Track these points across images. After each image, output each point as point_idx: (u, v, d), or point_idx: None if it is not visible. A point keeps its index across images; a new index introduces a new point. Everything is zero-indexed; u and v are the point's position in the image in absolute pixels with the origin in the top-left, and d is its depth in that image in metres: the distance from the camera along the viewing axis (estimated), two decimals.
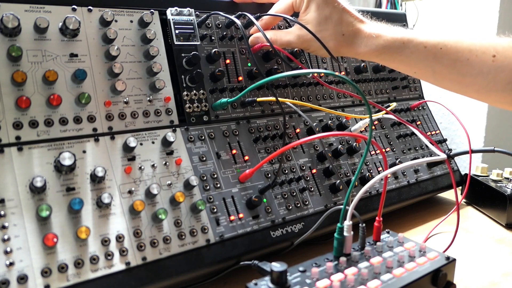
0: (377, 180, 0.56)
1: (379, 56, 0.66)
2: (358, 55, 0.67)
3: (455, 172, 0.99)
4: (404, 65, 0.65)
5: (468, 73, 0.60)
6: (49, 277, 0.48)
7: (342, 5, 0.67)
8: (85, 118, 0.57)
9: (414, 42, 0.63)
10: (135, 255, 0.54)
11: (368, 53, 0.66)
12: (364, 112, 0.89)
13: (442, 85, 0.65)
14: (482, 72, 0.59)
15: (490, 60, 0.58)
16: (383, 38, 0.64)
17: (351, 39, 0.66)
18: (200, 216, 0.60)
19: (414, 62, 0.63)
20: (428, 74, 0.64)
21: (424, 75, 0.65)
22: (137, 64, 0.63)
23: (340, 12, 0.66)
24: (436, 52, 0.61)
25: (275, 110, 0.76)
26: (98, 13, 0.61)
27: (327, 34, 0.66)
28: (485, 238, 0.81)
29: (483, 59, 0.58)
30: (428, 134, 0.99)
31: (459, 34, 0.62)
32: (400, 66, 0.66)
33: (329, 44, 0.67)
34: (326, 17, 0.66)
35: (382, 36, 0.64)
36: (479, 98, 0.64)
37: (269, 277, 0.48)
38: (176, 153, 0.62)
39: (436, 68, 0.62)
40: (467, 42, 0.60)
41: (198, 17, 0.70)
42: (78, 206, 0.51)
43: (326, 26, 0.66)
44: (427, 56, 0.62)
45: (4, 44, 0.53)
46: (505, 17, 1.17)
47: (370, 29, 0.66)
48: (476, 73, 0.59)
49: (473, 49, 0.59)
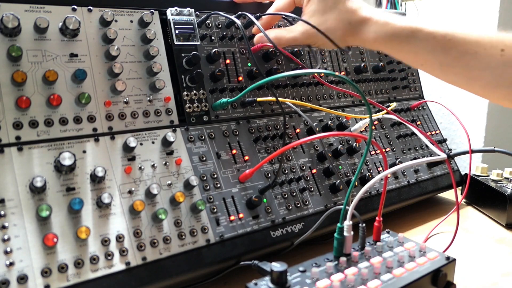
0: (377, 180, 0.56)
1: (387, 44, 0.64)
2: (365, 43, 0.65)
3: (455, 172, 0.99)
4: (412, 55, 0.63)
5: (476, 67, 0.59)
6: (49, 277, 0.48)
7: None
8: (85, 118, 0.57)
9: (423, 31, 0.61)
10: (135, 255, 0.54)
11: (376, 41, 0.64)
12: (364, 112, 0.89)
13: (449, 79, 0.64)
14: (490, 66, 0.58)
15: (498, 55, 0.57)
16: (391, 26, 0.63)
17: (358, 27, 0.64)
18: (200, 216, 0.60)
19: (422, 52, 0.62)
20: (435, 66, 0.62)
21: (431, 67, 0.63)
22: (137, 64, 0.63)
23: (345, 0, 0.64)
24: (445, 42, 0.60)
25: (275, 110, 0.76)
26: (98, 13, 0.61)
27: (333, 24, 0.64)
28: (485, 238, 0.81)
29: (492, 53, 0.57)
30: (428, 134, 0.99)
31: (467, 27, 0.61)
32: (408, 56, 0.64)
33: (336, 34, 0.65)
34: (331, 6, 0.64)
35: (390, 24, 0.63)
36: (484, 94, 0.63)
37: (269, 277, 0.48)
38: (176, 153, 0.62)
39: (444, 60, 0.61)
40: (475, 35, 0.59)
41: (198, 17, 0.70)
42: (78, 206, 0.51)
43: (332, 15, 0.64)
44: (435, 46, 0.61)
45: (4, 44, 0.53)
46: (505, 17, 1.17)
47: (378, 16, 0.64)
48: (484, 67, 0.58)
49: (482, 42, 0.58)
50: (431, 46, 0.61)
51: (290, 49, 0.79)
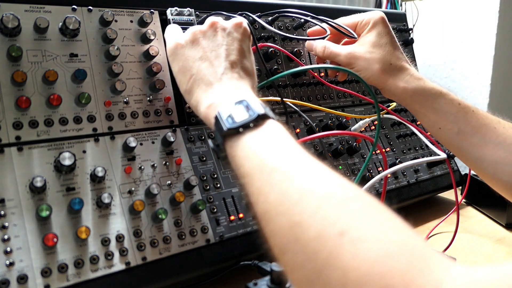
0: (377, 180, 0.56)
1: (414, 97, 0.68)
2: (396, 88, 0.69)
3: (455, 172, 0.99)
4: (434, 115, 0.66)
5: (491, 140, 0.62)
6: (49, 277, 0.48)
7: (398, 43, 0.72)
8: (85, 118, 0.57)
9: (450, 96, 0.66)
10: (135, 255, 0.54)
11: (406, 90, 0.68)
12: (364, 112, 0.89)
13: (462, 149, 0.65)
14: (505, 142, 0.61)
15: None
16: (424, 82, 0.68)
17: (395, 71, 0.69)
18: (200, 216, 0.60)
19: (445, 114, 0.65)
20: (452, 132, 0.65)
21: (448, 133, 0.66)
22: (137, 64, 0.63)
23: (394, 46, 0.71)
24: (468, 111, 0.64)
25: (275, 110, 0.76)
26: (98, 13, 0.61)
27: (377, 57, 0.70)
28: (485, 238, 0.81)
29: (510, 132, 0.62)
30: (429, 134, 0.99)
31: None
32: (430, 114, 0.67)
33: (374, 67, 0.70)
34: (381, 44, 0.70)
35: (423, 80, 0.68)
36: (495, 172, 0.63)
37: (269, 277, 0.48)
38: (176, 153, 0.62)
39: (463, 127, 0.64)
40: (496, 117, 0.65)
41: (198, 17, 0.70)
42: (78, 206, 0.51)
43: (379, 51, 0.70)
44: (458, 112, 0.64)
45: (4, 44, 0.53)
46: (505, 17, 1.17)
47: (414, 71, 0.70)
48: (499, 141, 0.61)
49: (502, 122, 0.63)
50: (455, 110, 0.65)
51: (290, 49, 0.79)
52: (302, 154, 0.41)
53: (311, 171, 0.39)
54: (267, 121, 0.45)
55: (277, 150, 0.41)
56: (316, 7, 0.90)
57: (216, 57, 0.54)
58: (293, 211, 0.35)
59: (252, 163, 0.42)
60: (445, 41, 1.27)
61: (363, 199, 0.36)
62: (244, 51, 0.57)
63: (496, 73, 1.19)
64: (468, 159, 0.65)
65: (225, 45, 0.55)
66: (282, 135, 0.44)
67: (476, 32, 1.20)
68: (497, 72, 1.19)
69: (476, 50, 1.20)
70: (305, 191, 0.36)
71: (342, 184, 0.37)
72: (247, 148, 0.43)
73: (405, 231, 0.33)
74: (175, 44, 0.57)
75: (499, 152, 0.61)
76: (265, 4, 0.79)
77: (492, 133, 0.62)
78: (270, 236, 0.37)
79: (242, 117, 0.45)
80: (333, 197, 0.35)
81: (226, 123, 0.45)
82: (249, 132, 0.44)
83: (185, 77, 0.55)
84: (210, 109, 0.50)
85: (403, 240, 0.31)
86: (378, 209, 0.35)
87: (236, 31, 0.57)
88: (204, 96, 0.52)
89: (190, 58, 0.55)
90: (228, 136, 0.45)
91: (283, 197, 0.37)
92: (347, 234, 0.32)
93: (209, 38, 0.56)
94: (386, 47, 0.70)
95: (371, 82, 0.71)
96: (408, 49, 1.03)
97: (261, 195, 0.39)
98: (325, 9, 0.87)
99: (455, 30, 1.24)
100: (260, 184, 0.40)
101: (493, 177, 0.64)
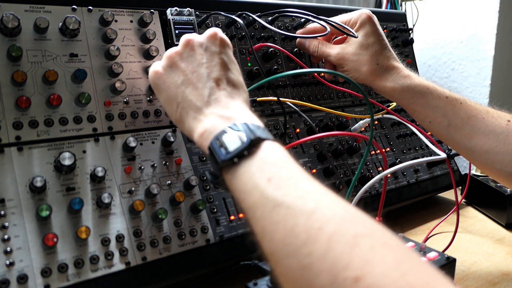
0: (377, 180, 0.56)
1: (402, 94, 0.69)
2: (384, 88, 0.70)
3: (455, 172, 0.99)
4: (423, 110, 0.67)
5: (481, 130, 0.62)
6: (49, 277, 0.48)
7: (385, 41, 0.73)
8: (85, 118, 0.57)
9: (438, 91, 0.67)
10: (135, 255, 0.54)
11: (394, 88, 0.69)
12: (364, 112, 0.89)
13: (453, 140, 0.66)
14: (495, 131, 0.61)
15: (504, 123, 0.62)
16: (410, 79, 0.69)
17: (383, 71, 0.70)
18: (200, 216, 0.60)
19: (433, 108, 0.66)
20: (442, 125, 0.66)
21: (438, 126, 0.66)
22: (137, 64, 0.63)
23: (381, 45, 0.71)
24: (456, 104, 0.65)
25: (275, 110, 0.76)
26: (98, 13, 0.61)
27: (364, 59, 0.70)
28: (485, 238, 0.81)
29: (499, 121, 0.62)
30: (429, 134, 0.99)
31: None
32: (419, 109, 0.68)
33: (362, 69, 0.71)
34: (368, 45, 0.71)
35: (410, 77, 0.69)
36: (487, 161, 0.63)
37: (269, 277, 0.48)
38: (176, 153, 0.62)
39: (452, 120, 0.65)
40: (484, 106, 0.65)
41: (198, 17, 0.70)
42: (78, 206, 0.51)
43: (366, 52, 0.71)
44: (446, 105, 0.65)
45: (4, 44, 0.53)
46: (505, 17, 1.17)
47: (402, 68, 0.71)
48: (489, 131, 0.62)
49: (491, 111, 0.64)
50: (443, 104, 0.65)
51: (290, 49, 0.79)
52: (302, 179, 0.39)
53: (315, 201, 0.37)
54: (262, 144, 0.42)
55: (277, 180, 0.39)
56: (316, 7, 0.90)
57: (199, 79, 0.51)
58: (301, 253, 0.33)
59: (253, 197, 0.39)
60: (445, 41, 1.27)
61: (374, 233, 0.33)
62: (226, 64, 0.53)
63: (496, 73, 1.19)
64: (460, 149, 0.66)
65: (205, 63, 0.52)
66: (279, 158, 0.42)
67: (476, 32, 1.20)
68: (497, 72, 1.19)
69: (476, 50, 1.20)
70: (311, 229, 0.34)
71: (349, 215, 0.35)
72: (245, 180, 0.41)
73: (423, 269, 0.30)
74: (154, 73, 0.54)
75: (490, 141, 0.62)
76: (265, 4, 0.79)
77: (481, 124, 0.63)
78: (281, 279, 0.35)
79: (234, 145, 0.42)
80: (342, 235, 0.33)
81: (220, 155, 0.43)
82: (245, 161, 0.41)
83: (172, 107, 0.52)
84: (203, 138, 0.47)
85: (423, 284, 0.29)
86: (391, 245, 0.32)
87: (213, 44, 0.53)
88: (194, 124, 0.49)
89: (172, 85, 0.52)
90: (225, 168, 0.42)
91: (289, 237, 0.34)
92: (362, 280, 0.29)
93: (186, 59, 0.53)
94: (374, 46, 0.71)
95: (360, 82, 0.72)
96: (408, 49, 1.03)
97: (266, 235, 0.37)
98: (325, 9, 0.87)
99: (455, 30, 1.24)
100: (264, 222, 0.37)
101: (486, 166, 0.64)
